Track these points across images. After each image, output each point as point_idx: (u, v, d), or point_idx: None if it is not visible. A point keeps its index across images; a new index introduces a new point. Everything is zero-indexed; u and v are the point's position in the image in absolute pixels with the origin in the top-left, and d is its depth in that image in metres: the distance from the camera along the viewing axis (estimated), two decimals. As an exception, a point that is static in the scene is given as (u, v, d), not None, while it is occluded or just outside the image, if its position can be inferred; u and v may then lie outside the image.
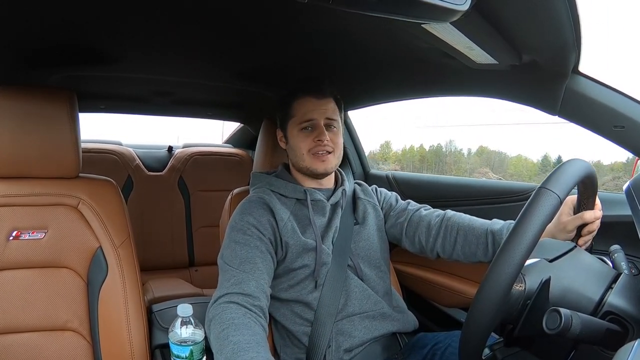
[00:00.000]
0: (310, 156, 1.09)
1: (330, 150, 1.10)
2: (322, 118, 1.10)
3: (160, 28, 1.10)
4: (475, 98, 1.32)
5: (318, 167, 1.10)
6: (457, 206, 1.45)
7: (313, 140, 1.09)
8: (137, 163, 2.25)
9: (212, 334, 0.87)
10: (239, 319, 0.87)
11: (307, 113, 1.09)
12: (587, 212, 0.86)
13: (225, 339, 0.83)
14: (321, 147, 1.09)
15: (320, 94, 1.11)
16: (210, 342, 0.88)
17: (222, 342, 0.82)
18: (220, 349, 0.82)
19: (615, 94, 0.98)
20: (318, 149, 1.09)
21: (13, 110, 1.03)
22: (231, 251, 1.00)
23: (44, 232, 1.05)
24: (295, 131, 1.11)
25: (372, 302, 1.08)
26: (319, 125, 1.09)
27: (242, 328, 0.85)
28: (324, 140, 1.08)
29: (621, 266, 0.75)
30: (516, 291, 0.68)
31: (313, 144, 1.09)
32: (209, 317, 0.91)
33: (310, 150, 1.09)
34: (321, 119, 1.09)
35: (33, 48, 1.24)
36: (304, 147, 1.09)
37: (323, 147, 1.08)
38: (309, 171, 1.11)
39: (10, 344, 1.00)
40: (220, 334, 0.84)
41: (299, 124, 1.10)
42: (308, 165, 1.10)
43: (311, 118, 1.09)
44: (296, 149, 1.11)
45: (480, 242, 1.06)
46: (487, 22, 0.84)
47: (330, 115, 1.11)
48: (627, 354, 0.53)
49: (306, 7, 0.64)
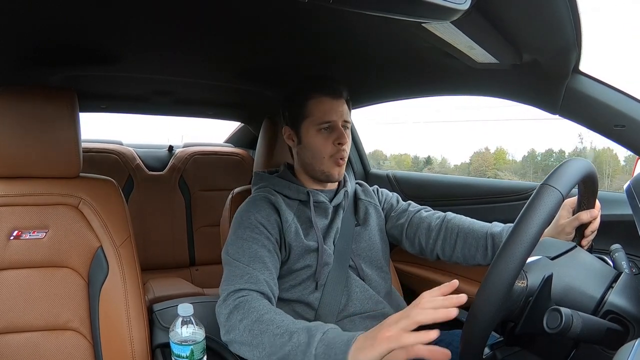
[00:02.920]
0: (331, 161, 1.08)
1: (346, 155, 1.09)
2: (340, 120, 1.08)
3: (160, 28, 1.10)
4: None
5: (335, 172, 1.09)
6: (458, 205, 1.45)
7: (333, 143, 1.07)
8: (138, 163, 2.26)
9: (244, 322, 0.84)
10: (272, 307, 0.87)
11: (326, 114, 1.07)
12: (583, 212, 0.87)
13: (271, 322, 0.81)
14: (341, 152, 1.07)
15: (337, 95, 1.09)
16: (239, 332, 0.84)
17: (267, 326, 0.80)
18: (267, 331, 0.79)
19: (616, 93, 0.98)
20: (339, 154, 1.07)
21: (14, 110, 1.03)
22: (238, 248, 0.98)
23: (44, 232, 1.06)
24: (313, 131, 1.08)
25: (373, 303, 1.08)
26: (338, 127, 1.07)
27: (280, 313, 0.84)
28: (343, 143, 1.07)
29: (622, 265, 0.76)
30: (518, 287, 0.68)
31: (335, 149, 1.07)
32: (228, 309, 0.88)
33: (333, 156, 1.07)
34: (340, 121, 1.08)
35: (34, 48, 1.24)
36: (325, 151, 1.07)
37: (342, 151, 1.07)
38: (324, 175, 1.10)
39: (11, 343, 1.00)
40: (262, 317, 0.82)
41: (317, 124, 1.08)
42: (326, 170, 1.09)
43: (330, 119, 1.07)
44: (315, 151, 1.08)
45: (479, 244, 1.06)
46: (488, 21, 0.84)
47: (346, 118, 1.09)
48: (627, 353, 0.53)
49: (306, 7, 0.64)
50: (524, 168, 2.75)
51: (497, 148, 2.90)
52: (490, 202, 1.44)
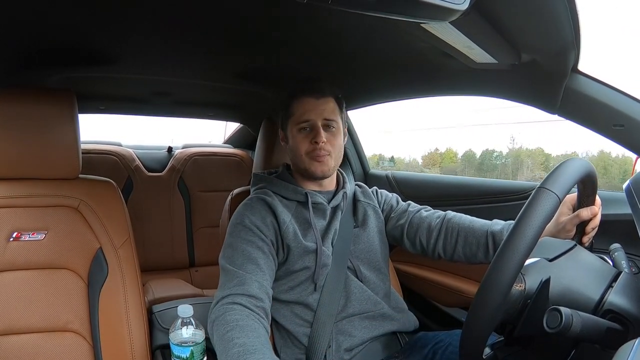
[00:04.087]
0: (308, 158, 1.08)
1: (328, 152, 1.08)
2: (320, 119, 1.08)
3: (159, 29, 1.10)
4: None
5: (315, 169, 1.08)
6: (457, 205, 1.45)
7: (310, 142, 1.08)
8: (137, 164, 2.25)
9: (215, 335, 0.87)
10: (243, 320, 0.87)
11: (304, 113, 1.08)
12: (584, 209, 0.87)
13: (230, 340, 0.82)
14: (317, 150, 1.07)
15: (319, 94, 1.09)
16: (214, 342, 0.87)
17: (227, 344, 0.82)
18: (225, 351, 0.81)
19: (615, 92, 0.98)
20: (315, 152, 1.07)
21: (13, 112, 1.03)
22: (233, 251, 0.99)
23: (44, 233, 1.05)
24: (294, 131, 1.10)
25: (371, 303, 1.08)
26: (316, 126, 1.08)
27: (246, 330, 0.84)
28: (319, 142, 1.06)
29: (621, 265, 0.76)
30: (516, 291, 0.68)
31: (310, 147, 1.08)
32: (211, 318, 0.90)
33: (308, 153, 1.08)
34: (319, 120, 1.08)
35: (32, 50, 1.24)
36: (301, 148, 1.08)
37: (319, 149, 1.07)
38: (307, 173, 1.11)
39: (11, 345, 1.00)
40: (225, 335, 0.84)
41: (297, 124, 1.09)
42: (306, 167, 1.09)
43: (308, 119, 1.08)
44: (295, 149, 1.10)
45: (480, 243, 1.06)
46: (487, 21, 0.84)
47: (328, 116, 1.09)
48: (627, 352, 0.53)
49: (305, 7, 0.64)
50: (461, 165, 3.41)
51: (447, 149, 3.47)
52: (489, 202, 1.44)
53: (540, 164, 2.95)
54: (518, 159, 3.08)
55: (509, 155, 3.14)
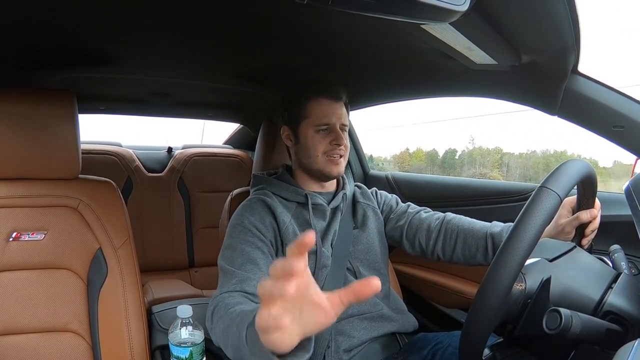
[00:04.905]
0: (325, 158, 1.09)
1: (343, 153, 1.10)
2: (339, 122, 1.10)
3: (159, 29, 1.10)
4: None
5: (332, 169, 1.10)
6: (457, 206, 1.45)
7: (330, 143, 1.09)
8: (137, 164, 2.25)
9: (215, 317, 0.84)
10: (246, 303, 0.85)
11: (325, 116, 1.09)
12: (583, 212, 0.87)
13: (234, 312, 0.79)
14: (337, 151, 1.09)
15: (336, 97, 1.11)
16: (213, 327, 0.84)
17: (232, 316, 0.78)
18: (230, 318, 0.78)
19: (615, 94, 0.99)
20: (334, 152, 1.09)
21: (13, 112, 1.03)
22: (232, 251, 0.99)
23: (43, 234, 1.05)
24: (311, 132, 1.10)
25: (370, 304, 1.08)
26: (336, 129, 1.09)
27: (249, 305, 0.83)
28: (341, 143, 1.08)
29: (621, 266, 0.76)
30: (517, 290, 0.68)
31: (329, 147, 1.09)
32: (210, 310, 0.89)
33: (326, 153, 1.09)
34: (337, 123, 1.10)
35: (32, 50, 1.24)
36: (319, 148, 1.09)
37: (339, 150, 1.09)
38: (321, 173, 1.11)
39: (10, 345, 1.00)
40: (229, 311, 0.81)
41: (316, 125, 1.09)
42: (321, 168, 1.10)
43: (329, 122, 1.09)
44: (311, 149, 1.10)
45: (480, 245, 1.06)
46: (487, 22, 0.84)
47: (344, 121, 1.11)
48: (627, 353, 0.53)
49: (305, 8, 0.64)
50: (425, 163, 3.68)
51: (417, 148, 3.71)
52: (489, 204, 1.44)
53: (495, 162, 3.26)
54: (471, 156, 3.39)
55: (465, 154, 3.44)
